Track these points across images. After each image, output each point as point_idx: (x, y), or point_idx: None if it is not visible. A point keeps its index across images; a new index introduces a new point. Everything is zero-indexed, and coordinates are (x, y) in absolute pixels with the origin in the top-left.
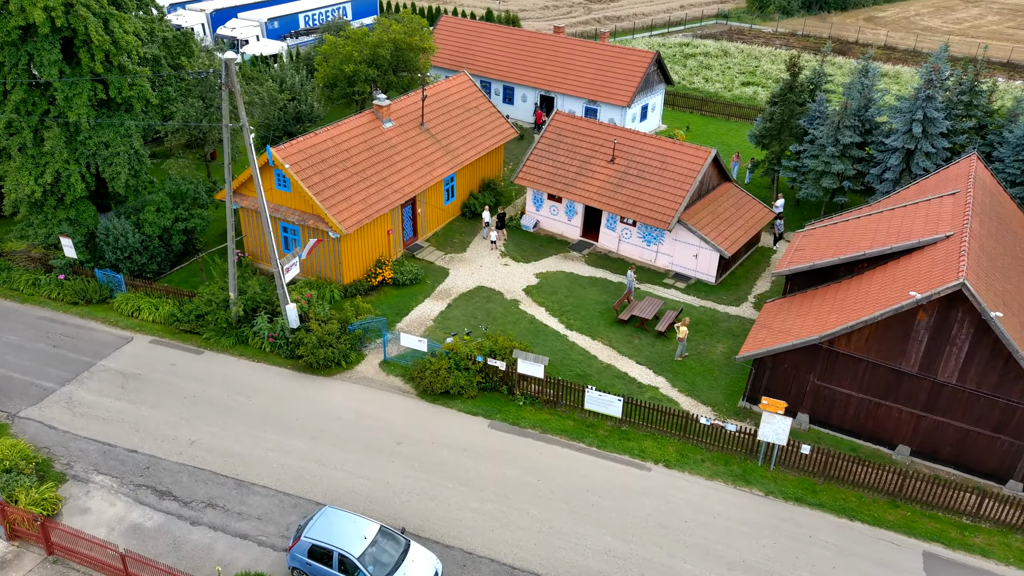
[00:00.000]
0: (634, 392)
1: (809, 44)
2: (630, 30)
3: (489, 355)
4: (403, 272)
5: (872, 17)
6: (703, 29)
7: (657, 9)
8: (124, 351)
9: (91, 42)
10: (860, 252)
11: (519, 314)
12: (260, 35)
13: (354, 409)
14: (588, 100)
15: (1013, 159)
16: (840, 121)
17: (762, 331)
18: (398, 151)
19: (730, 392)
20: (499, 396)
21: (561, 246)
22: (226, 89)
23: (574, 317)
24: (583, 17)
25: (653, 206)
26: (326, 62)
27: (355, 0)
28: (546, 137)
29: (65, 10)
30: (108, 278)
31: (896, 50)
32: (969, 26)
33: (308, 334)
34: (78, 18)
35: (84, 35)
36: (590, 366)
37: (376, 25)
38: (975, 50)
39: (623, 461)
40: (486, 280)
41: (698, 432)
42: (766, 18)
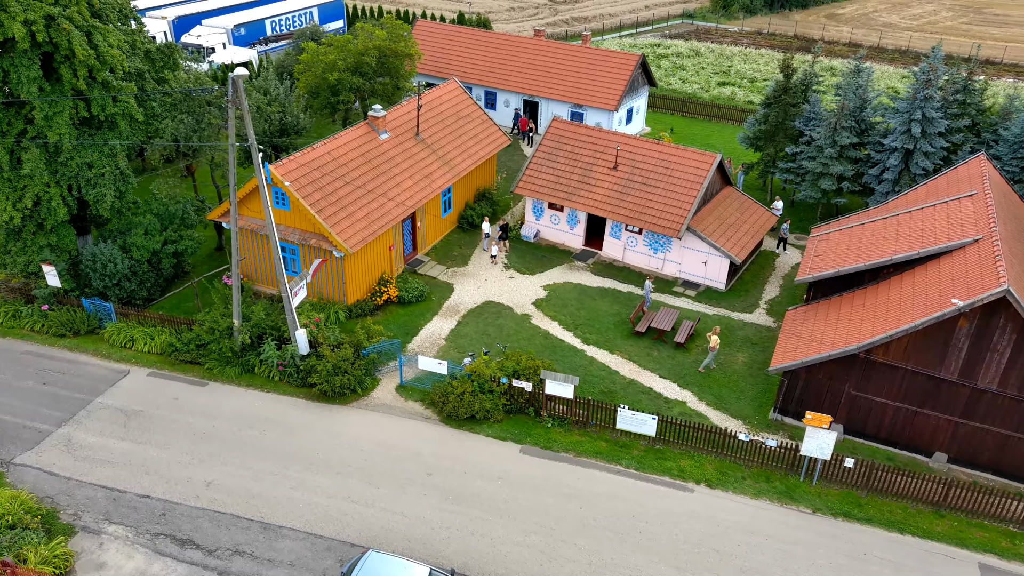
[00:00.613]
0: (661, 408)
1: (776, 42)
2: (599, 31)
3: (513, 376)
4: (408, 289)
5: (832, 14)
6: (670, 29)
7: (623, 9)
8: (122, 386)
9: (74, 57)
10: (886, 257)
11: (532, 329)
12: (227, 42)
13: (377, 439)
14: (574, 104)
15: (1011, 156)
16: (837, 122)
17: (791, 340)
18: (396, 163)
19: (759, 403)
20: (526, 419)
21: (564, 256)
22: (232, 107)
23: (589, 330)
24: (550, 18)
25: (661, 213)
26: (308, 70)
27: (322, 5)
28: (544, 145)
29: (46, 24)
30: (96, 307)
31: (861, 47)
32: (926, 22)
33: (320, 360)
34: (60, 32)
35: (67, 50)
36: (613, 382)
37: (359, 32)
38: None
39: (663, 483)
40: (493, 294)
41: (736, 448)
42: (731, 17)
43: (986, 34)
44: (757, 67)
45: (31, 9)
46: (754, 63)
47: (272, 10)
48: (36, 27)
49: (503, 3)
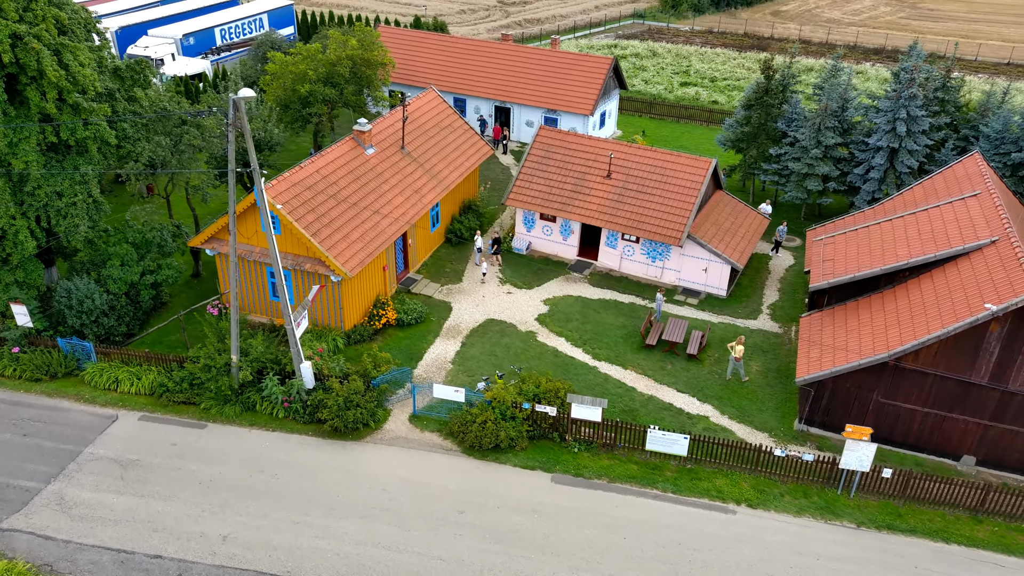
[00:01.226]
0: (684, 424)
1: (728, 41)
2: (554, 32)
3: (534, 400)
4: (407, 311)
5: (777, 11)
6: (623, 29)
7: (574, 10)
8: (112, 433)
9: (43, 78)
10: (903, 261)
11: (540, 347)
12: (176, 53)
13: (400, 476)
14: (547, 110)
15: (993, 152)
16: (821, 122)
17: (813, 349)
18: (385, 179)
19: (781, 414)
20: (551, 444)
21: (559, 268)
22: (232, 130)
23: (598, 345)
24: (503, 21)
25: (659, 221)
26: (276, 81)
27: (272, 12)
28: (533, 154)
29: (12, 43)
30: (74, 347)
31: (811, 43)
32: (867, 17)
33: (329, 394)
34: (29, 52)
35: (35, 71)
36: (632, 399)
37: (329, 40)
38: (881, 41)
39: (703, 505)
40: (493, 312)
41: (771, 464)
42: (680, 16)
43: (924, 28)
44: (715, 66)
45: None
46: (711, 62)
47: (221, 18)
48: (2, 47)
49: (452, 6)
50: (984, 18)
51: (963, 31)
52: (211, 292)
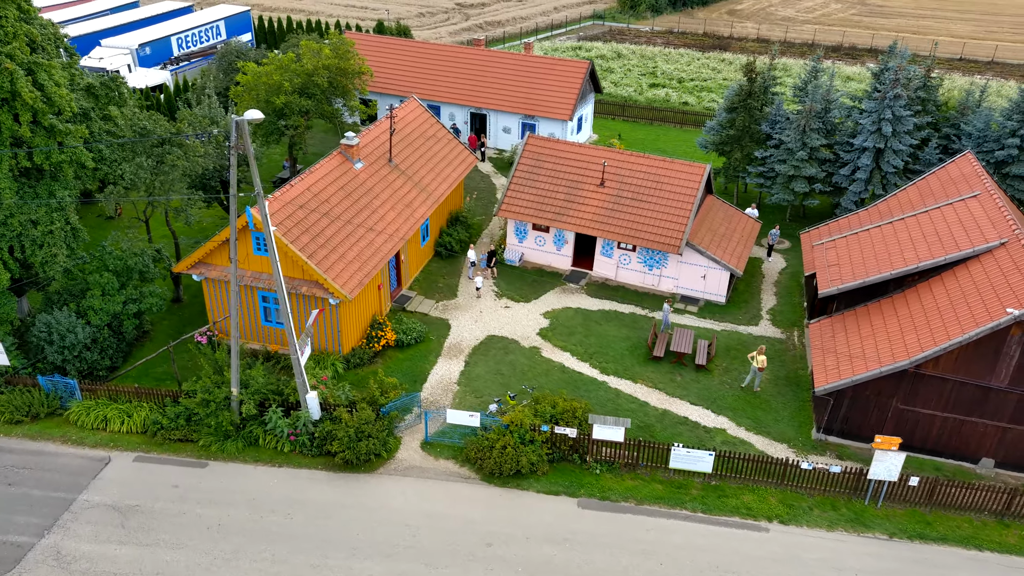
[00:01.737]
0: (702, 437)
1: (689, 41)
2: (517, 35)
3: (552, 422)
4: (405, 331)
5: (733, 10)
6: (584, 31)
7: (534, 12)
8: (106, 477)
9: (16, 100)
10: (913, 265)
11: (546, 363)
12: (132, 64)
13: (420, 510)
14: (525, 116)
15: (976, 151)
16: (806, 124)
17: (828, 357)
18: (375, 194)
19: (797, 423)
20: (571, 467)
21: (554, 278)
22: (235, 153)
23: (604, 359)
24: (464, 24)
25: (656, 229)
26: (249, 93)
27: (229, 19)
28: (523, 164)
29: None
30: (56, 385)
31: (769, 42)
32: (820, 14)
33: (337, 425)
34: (1, 73)
35: (7, 92)
36: (646, 414)
37: (303, 50)
38: (838, 38)
39: (735, 524)
40: (493, 328)
41: (798, 477)
42: (639, 16)
43: (876, 25)
44: (680, 67)
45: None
46: (676, 63)
47: (177, 26)
48: None
49: (410, 8)
50: (931, 14)
51: (912, 27)
52: (194, 318)
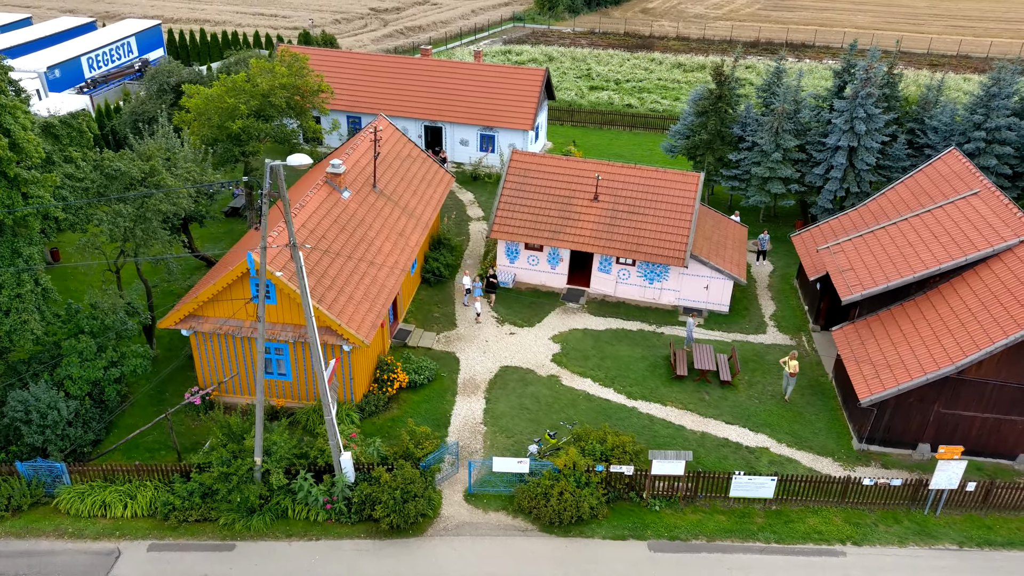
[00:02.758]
0: (747, 459)
1: (613, 41)
2: (442, 40)
3: (605, 460)
4: (417, 370)
5: (646, 9)
6: (506, 34)
7: (452, 16)
8: (121, 575)
9: None
10: (936, 267)
11: (570, 393)
12: (42, 90)
13: (485, 573)
14: (483, 127)
15: (944, 144)
16: (779, 126)
17: (865, 366)
18: (367, 224)
19: (836, 434)
20: (628, 505)
21: (551, 298)
22: (266, 201)
23: (627, 383)
24: (385, 30)
25: (658, 242)
26: (200, 119)
27: (140, 35)
28: (509, 181)
29: None
30: (38, 470)
31: (690, 40)
32: (729, 10)
33: (377, 486)
34: None
35: None
36: (684, 439)
37: (254, 68)
38: (755, 34)
39: (811, 551)
40: (504, 357)
41: (859, 494)
42: (558, 17)
43: (784, 19)
44: (613, 68)
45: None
46: (608, 64)
47: (86, 44)
48: None
49: (325, 16)
50: (832, 6)
51: (819, 20)
52: (175, 375)
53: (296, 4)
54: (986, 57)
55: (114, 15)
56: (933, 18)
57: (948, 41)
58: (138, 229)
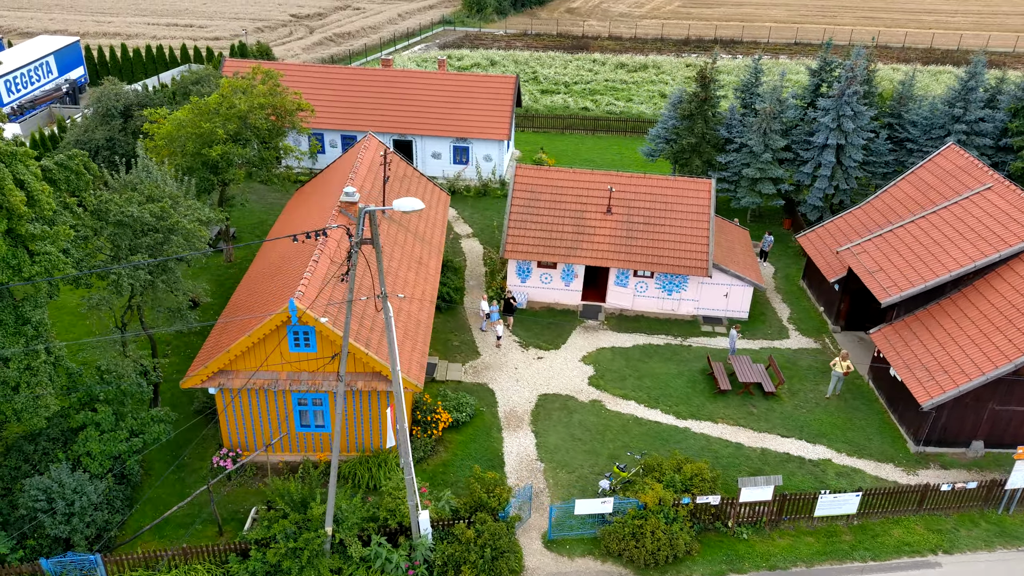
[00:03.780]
0: (814, 472)
1: (549, 43)
2: (377, 47)
3: (690, 492)
4: (459, 408)
5: (571, 9)
6: (439, 38)
7: (380, 21)
8: None
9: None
10: (971, 264)
11: (617, 418)
12: None
13: None
14: (456, 139)
15: (926, 139)
16: (767, 126)
17: (916, 369)
18: (388, 255)
19: (889, 437)
20: (714, 537)
21: (569, 316)
22: (357, 250)
23: (672, 402)
24: (314, 38)
25: (678, 253)
26: (171, 145)
27: (58, 53)
28: (517, 198)
29: None
30: (65, 566)
31: (623, 39)
32: (651, 8)
33: (459, 546)
34: None
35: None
36: (746, 457)
37: (227, 89)
38: (684, 32)
39: (907, 565)
40: (539, 385)
41: (936, 500)
42: (486, 19)
43: (705, 15)
44: (559, 71)
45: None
46: (551, 67)
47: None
48: None
49: (245, 25)
50: (748, 1)
51: (739, 15)
52: (189, 435)
53: (210, 13)
54: (903, 47)
55: (8, 30)
56: (844, 10)
57: (862, 32)
58: (159, 281)
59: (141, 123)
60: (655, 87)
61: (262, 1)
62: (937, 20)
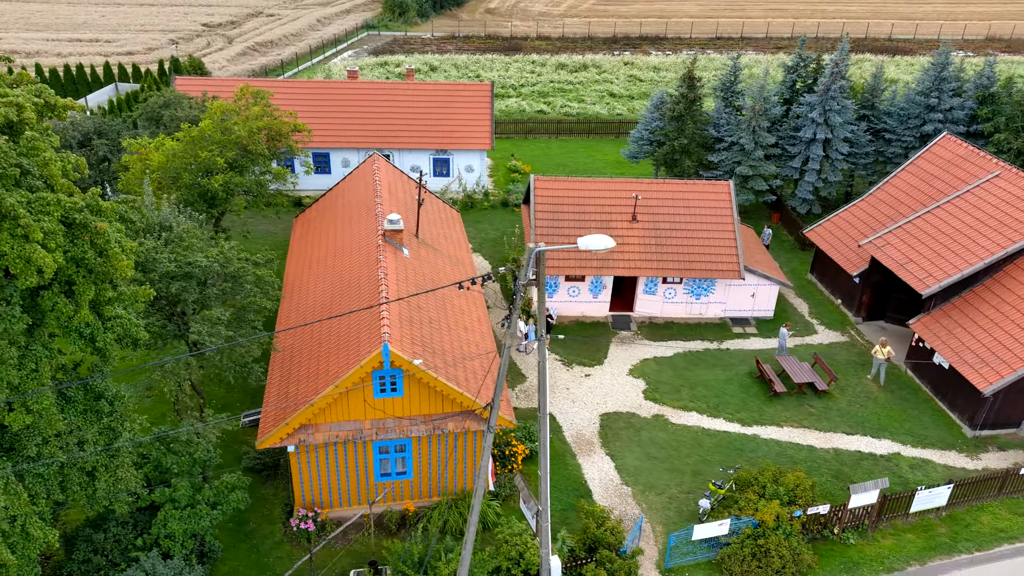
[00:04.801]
0: (888, 466)
1: (481, 45)
2: (307, 55)
3: (789, 502)
4: (531, 438)
5: (490, 9)
6: (364, 43)
7: (301, 28)
8: None
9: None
10: (1003, 251)
11: (685, 431)
12: None
13: None
14: (436, 150)
15: (903, 128)
16: (756, 124)
17: (966, 355)
18: (436, 283)
19: (944, 425)
20: (822, 546)
21: (600, 329)
22: (520, 294)
23: (732, 409)
24: (234, 48)
25: (710, 257)
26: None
27: None
28: (540, 211)
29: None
30: None
31: (551, 39)
32: (568, 6)
33: None
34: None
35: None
36: (821, 459)
37: (217, 113)
38: (610, 30)
39: (1009, 552)
40: (596, 404)
41: (1016, 483)
42: (409, 22)
43: (621, 12)
44: (504, 75)
45: (42, 212)
46: (494, 70)
47: None
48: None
49: (156, 37)
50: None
51: (653, 11)
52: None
53: (113, 26)
54: (816, 37)
55: None
56: (751, 4)
57: (780, 24)
58: (238, 335)
59: (103, 152)
60: (600, 87)
61: (166, 11)
62: (839, 10)
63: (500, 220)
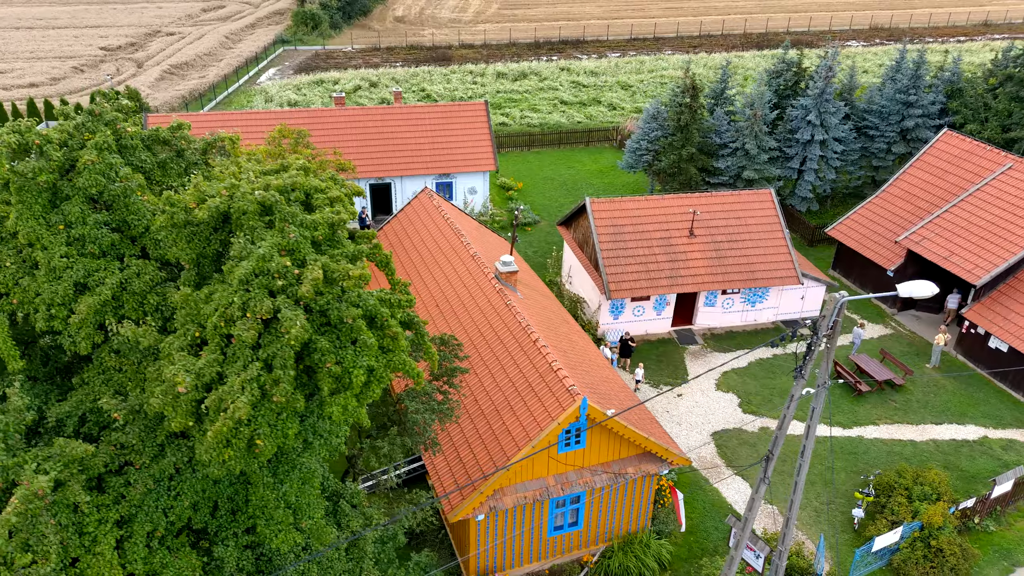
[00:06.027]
0: (982, 450)
1: (408, 56)
2: (233, 76)
3: (937, 500)
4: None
5: (399, 17)
6: (283, 60)
7: (211, 46)
8: None
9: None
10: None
11: (798, 441)
12: None
13: None
14: (439, 175)
15: (885, 125)
16: (758, 129)
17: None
18: (546, 320)
19: (1010, 403)
20: (968, 537)
21: (670, 346)
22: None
23: (828, 414)
24: (152, 74)
25: (769, 266)
26: None
27: None
28: (602, 234)
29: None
30: None
31: (475, 47)
32: (475, 12)
33: None
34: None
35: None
36: (927, 452)
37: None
38: (528, 35)
39: None
40: (701, 424)
41: None
42: (323, 35)
43: (529, 16)
44: (449, 88)
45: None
46: (438, 84)
47: None
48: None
49: (57, 67)
50: (562, 0)
51: (558, 15)
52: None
53: (4, 53)
54: (722, 34)
55: None
56: (648, 4)
57: (689, 23)
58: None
59: None
60: (547, 94)
61: (52, 35)
62: (728, 5)
63: (520, 241)
